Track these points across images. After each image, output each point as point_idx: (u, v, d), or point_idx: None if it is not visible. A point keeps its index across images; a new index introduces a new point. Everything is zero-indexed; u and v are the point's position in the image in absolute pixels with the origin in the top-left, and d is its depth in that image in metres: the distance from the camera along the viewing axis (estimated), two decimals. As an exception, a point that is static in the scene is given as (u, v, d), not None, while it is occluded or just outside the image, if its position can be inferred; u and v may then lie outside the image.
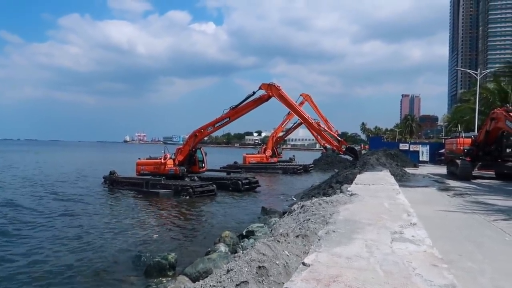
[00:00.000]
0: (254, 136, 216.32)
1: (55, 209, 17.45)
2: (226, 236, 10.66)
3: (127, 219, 15.67)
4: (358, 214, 6.64)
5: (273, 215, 14.09)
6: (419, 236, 5.09)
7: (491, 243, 6.45)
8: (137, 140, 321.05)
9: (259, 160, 42.95)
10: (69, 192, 22.67)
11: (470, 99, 41.13)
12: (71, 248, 11.27)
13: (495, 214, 9.09)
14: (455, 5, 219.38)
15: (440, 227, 7.47)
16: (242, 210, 18.37)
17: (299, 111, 24.93)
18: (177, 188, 21.58)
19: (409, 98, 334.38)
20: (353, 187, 10.80)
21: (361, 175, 15.00)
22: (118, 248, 11.31)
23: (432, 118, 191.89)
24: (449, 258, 5.20)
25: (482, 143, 18.87)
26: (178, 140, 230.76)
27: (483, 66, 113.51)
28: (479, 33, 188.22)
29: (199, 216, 17.14)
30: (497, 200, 11.37)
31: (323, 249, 4.46)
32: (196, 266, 8.10)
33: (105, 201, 20.36)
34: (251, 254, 4.53)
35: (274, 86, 22.39)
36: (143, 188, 22.28)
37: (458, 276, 4.33)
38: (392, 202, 8.11)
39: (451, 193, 13.04)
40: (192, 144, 23.68)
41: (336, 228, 5.48)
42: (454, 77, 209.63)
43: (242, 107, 22.73)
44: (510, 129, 16.09)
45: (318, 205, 7.94)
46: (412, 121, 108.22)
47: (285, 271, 4.35)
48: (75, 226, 14.05)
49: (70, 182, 28.15)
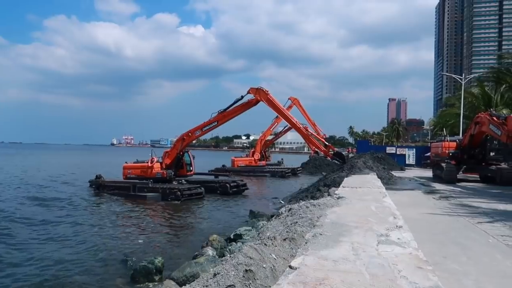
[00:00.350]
0: (242, 139, 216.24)
1: (38, 214, 17.10)
2: (214, 240, 10.62)
3: (112, 223, 15.48)
4: (345, 217, 6.68)
5: (261, 218, 14.06)
6: (404, 239, 5.14)
7: (475, 245, 6.55)
8: (124, 143, 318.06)
9: (248, 163, 42.98)
10: (53, 197, 22.22)
11: (455, 103, 41.84)
12: (55, 253, 11.07)
13: (479, 216, 9.24)
14: (441, 11, 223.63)
15: (425, 230, 7.56)
16: (230, 213, 18.31)
17: (287, 115, 25.03)
18: (165, 191, 21.41)
19: (396, 102, 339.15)
20: (340, 190, 10.86)
21: (349, 178, 15.10)
22: (103, 252, 11.14)
23: (418, 122, 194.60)
24: (434, 260, 5.25)
25: (466, 146, 19.17)
26: (166, 143, 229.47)
27: (468, 71, 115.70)
28: (463, 39, 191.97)
29: (187, 219, 17.03)
30: (481, 203, 11.55)
31: (310, 252, 4.47)
32: (183, 270, 8.03)
33: (90, 205, 20.05)
34: (238, 258, 4.52)
35: (262, 90, 22.45)
36: (130, 192, 22.05)
37: (443, 278, 4.37)
38: (378, 205, 8.18)
39: (436, 196, 13.22)
40: (180, 147, 23.56)
41: (323, 231, 5.50)
42: (439, 81, 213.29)
43: (230, 111, 22.75)
44: (493, 133, 16.37)
45: (305, 208, 7.97)
46: (399, 125, 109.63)
47: (272, 274, 4.34)
48: (59, 231, 13.78)
49: (55, 186, 27.64)
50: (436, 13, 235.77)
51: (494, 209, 10.47)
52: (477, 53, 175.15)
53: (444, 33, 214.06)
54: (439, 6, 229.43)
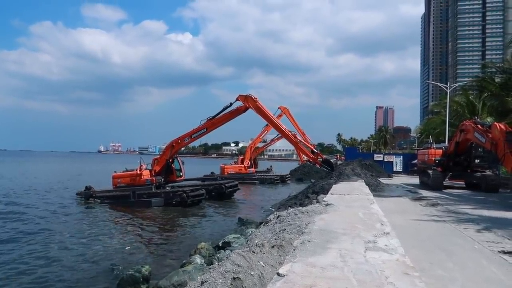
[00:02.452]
0: (231, 146, 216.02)
1: (26, 224, 16.66)
2: (202, 248, 10.52)
3: (100, 232, 15.18)
4: (333, 224, 6.70)
5: (250, 226, 14.01)
6: (392, 245, 5.18)
7: (462, 251, 6.63)
8: (111, 150, 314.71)
9: (238, 171, 42.94)
10: (41, 207, 21.28)
11: (440, 111, 42.52)
12: (41, 262, 10.85)
13: (465, 223, 9.36)
14: (426, 21, 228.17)
15: (412, 236, 7.62)
16: (219, 220, 18.21)
17: (276, 122, 25.07)
18: (168, 195, 21.42)
19: (383, 110, 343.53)
20: (328, 197, 10.90)
21: (337, 185, 15.17)
22: (89, 261, 10.96)
23: (406, 130, 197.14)
24: (421, 267, 5.30)
25: (452, 154, 19.44)
26: (154, 150, 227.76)
27: (453, 80, 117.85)
28: (448, 48, 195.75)
29: (175, 227, 16.87)
30: (467, 209, 11.72)
31: (298, 259, 4.46)
32: (170, 278, 7.94)
33: (77, 214, 19.68)
34: (226, 265, 4.49)
35: (251, 97, 22.50)
36: (129, 199, 21.72)
37: (429, 284, 4.42)
38: (366, 211, 8.23)
39: (423, 202, 13.36)
40: (170, 154, 23.50)
41: (311, 238, 5.50)
42: (425, 90, 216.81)
43: (219, 118, 22.76)
44: (478, 141, 16.63)
45: (294, 215, 7.97)
46: (386, 132, 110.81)
47: (260, 282, 4.32)
48: (46, 241, 13.46)
49: (42, 195, 26.95)
50: (422, 22, 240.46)
51: (479, 215, 10.63)
52: (462, 62, 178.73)
53: (430, 43, 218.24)
54: (424, 16, 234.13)
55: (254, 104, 22.44)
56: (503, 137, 14.26)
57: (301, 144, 25.40)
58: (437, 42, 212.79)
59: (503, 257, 6.23)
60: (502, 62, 32.44)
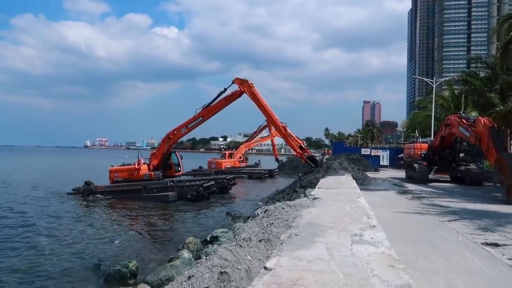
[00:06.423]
0: (219, 141, 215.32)
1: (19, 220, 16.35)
2: (190, 242, 10.51)
3: (89, 227, 15.05)
4: (320, 218, 6.74)
5: (238, 220, 14.05)
6: (378, 238, 5.23)
7: (446, 243, 6.75)
8: (98, 145, 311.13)
9: (233, 165, 43.23)
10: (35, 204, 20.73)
11: (426, 106, 42.96)
12: (26, 258, 10.69)
13: (449, 215, 9.53)
14: (413, 17, 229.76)
15: (398, 229, 7.73)
16: (208, 215, 18.17)
17: (268, 111, 24.80)
18: (182, 189, 21.38)
19: (370, 105, 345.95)
20: (316, 191, 10.96)
21: (324, 180, 15.26)
22: (77, 257, 10.85)
23: (392, 124, 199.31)
24: (406, 259, 5.37)
25: (437, 148, 19.75)
26: (142, 145, 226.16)
27: (439, 75, 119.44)
28: (435, 43, 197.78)
29: (164, 222, 16.76)
30: (451, 202, 11.93)
31: (285, 253, 4.48)
32: (158, 273, 7.92)
33: (69, 209, 19.38)
34: (213, 260, 4.49)
35: (247, 82, 21.94)
36: (140, 194, 21.33)
37: (414, 276, 4.48)
38: (353, 205, 8.30)
39: (409, 196, 13.55)
40: (166, 147, 23.19)
41: (299, 232, 5.53)
42: (412, 85, 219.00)
43: (214, 105, 22.48)
44: (463, 135, 16.91)
45: (281, 209, 7.99)
46: (373, 127, 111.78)
47: (247, 276, 4.33)
48: (35, 237, 13.24)
49: (43, 194, 25.91)
50: (408, 18, 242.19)
51: (463, 208, 10.83)
52: (447, 58, 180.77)
53: (416, 38, 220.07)
54: (411, 11, 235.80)
55: (249, 90, 22.02)
56: (487, 131, 14.55)
57: (290, 138, 25.36)
58: (423, 37, 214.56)
59: (485, 249, 6.37)
60: (487, 57, 32.86)
